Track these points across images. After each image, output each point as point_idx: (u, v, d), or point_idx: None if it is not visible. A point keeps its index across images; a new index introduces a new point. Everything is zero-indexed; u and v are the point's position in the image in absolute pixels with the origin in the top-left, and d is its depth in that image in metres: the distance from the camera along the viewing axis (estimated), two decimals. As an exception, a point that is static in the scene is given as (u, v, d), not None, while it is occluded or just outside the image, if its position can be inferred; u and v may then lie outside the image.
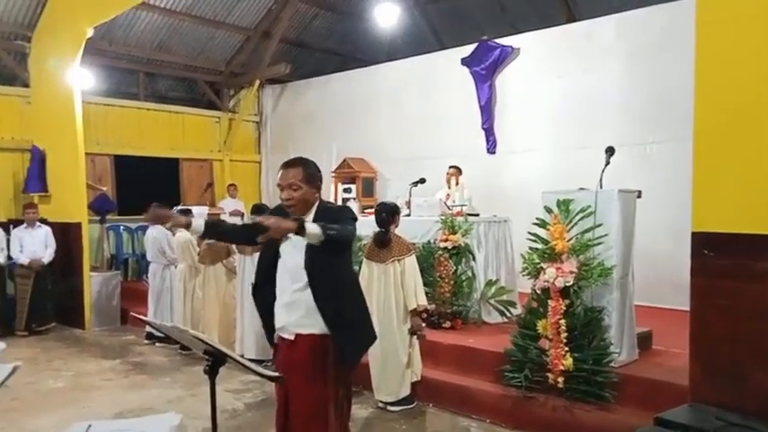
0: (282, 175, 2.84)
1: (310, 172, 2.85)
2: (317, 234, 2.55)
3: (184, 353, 6.54)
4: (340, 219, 2.78)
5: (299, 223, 2.50)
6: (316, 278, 2.76)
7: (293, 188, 2.80)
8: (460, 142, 8.67)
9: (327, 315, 2.77)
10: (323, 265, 2.74)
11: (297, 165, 2.85)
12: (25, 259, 7.66)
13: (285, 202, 2.84)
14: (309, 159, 2.92)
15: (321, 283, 2.77)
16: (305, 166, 2.85)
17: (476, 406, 4.56)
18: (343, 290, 2.88)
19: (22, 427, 4.53)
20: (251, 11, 10.58)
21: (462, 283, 5.62)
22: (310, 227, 2.54)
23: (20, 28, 8.85)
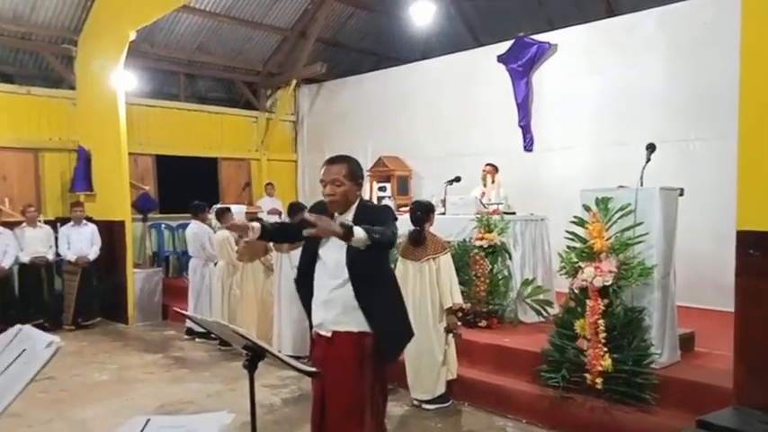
0: (326, 170, 2.87)
1: (354, 169, 2.89)
2: (362, 239, 2.57)
3: (223, 348, 6.68)
4: (382, 219, 2.80)
5: (347, 228, 2.52)
6: (356, 275, 2.79)
7: (336, 184, 2.83)
8: (497, 140, 8.61)
9: (368, 312, 2.80)
10: (364, 263, 2.77)
11: (341, 161, 2.89)
12: (72, 256, 7.92)
13: (327, 197, 2.86)
14: (352, 157, 2.96)
15: (362, 280, 2.80)
16: (349, 163, 2.89)
17: (512, 405, 4.53)
18: (382, 287, 2.91)
19: (69, 418, 4.70)
20: (287, 11, 10.71)
21: (498, 281, 5.58)
22: (357, 232, 2.55)
23: (66, 32, 9.16)
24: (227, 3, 9.96)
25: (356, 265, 2.78)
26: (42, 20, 8.93)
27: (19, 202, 8.58)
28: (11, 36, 8.95)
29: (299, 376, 5.54)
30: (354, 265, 2.78)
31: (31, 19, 8.85)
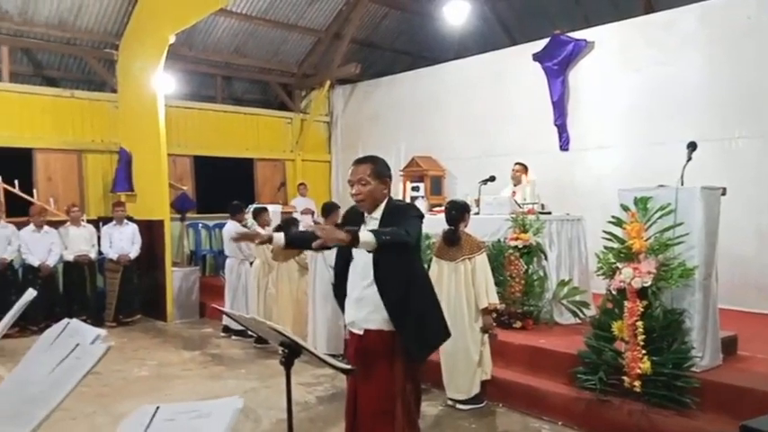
0: (353, 171, 2.93)
1: (379, 168, 2.92)
2: (370, 243, 2.58)
3: (259, 346, 6.77)
4: (404, 217, 2.82)
5: (352, 235, 2.54)
6: (381, 275, 2.82)
7: (362, 183, 2.87)
8: (531, 139, 8.53)
9: (392, 311, 2.82)
10: (389, 263, 2.79)
11: (366, 161, 2.94)
12: (114, 254, 8.15)
13: (354, 197, 2.92)
14: (379, 157, 2.99)
15: (387, 279, 2.82)
16: (374, 163, 2.93)
17: (547, 407, 4.48)
18: (409, 287, 2.91)
19: (110, 412, 4.83)
20: (322, 13, 10.81)
21: (534, 282, 5.53)
22: (363, 236, 2.56)
23: (108, 37, 9.42)
24: (263, 5, 10.11)
25: (380, 264, 2.81)
26: (86, 25, 9.21)
27: (63, 201, 8.86)
28: (56, 41, 9.26)
29: (334, 374, 5.59)
30: (378, 264, 2.81)
31: (75, 25, 9.14)
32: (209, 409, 1.23)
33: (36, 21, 8.81)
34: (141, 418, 1.24)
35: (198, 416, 1.22)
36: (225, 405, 1.22)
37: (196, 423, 1.20)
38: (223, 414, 1.19)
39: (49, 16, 8.84)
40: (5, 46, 8.83)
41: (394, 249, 2.71)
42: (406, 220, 2.79)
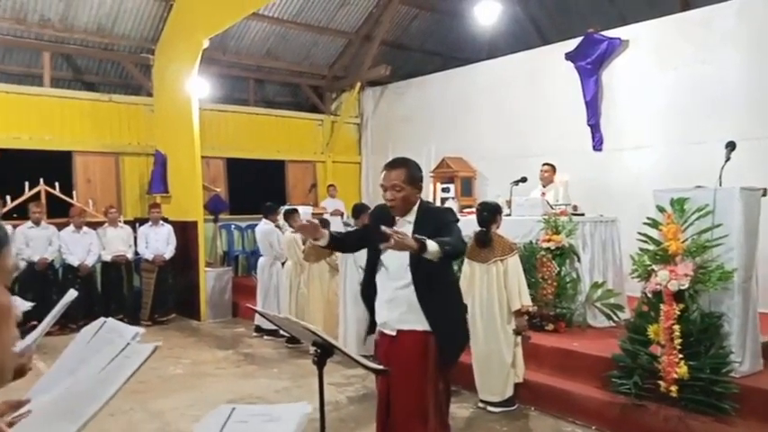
0: (386, 176, 2.93)
1: (413, 173, 2.92)
2: (435, 252, 2.60)
3: (291, 346, 6.84)
4: (445, 224, 2.83)
5: (421, 244, 2.57)
6: (420, 278, 2.83)
7: (396, 189, 2.88)
8: (564, 139, 8.42)
9: (430, 313, 2.84)
10: (427, 266, 2.79)
11: (400, 166, 2.93)
12: (150, 255, 8.33)
13: (388, 202, 2.93)
14: (412, 160, 2.99)
15: (425, 282, 2.84)
16: (408, 168, 2.92)
17: (580, 411, 4.42)
18: (444, 289, 2.94)
19: (147, 408, 4.94)
20: (353, 15, 10.87)
21: (566, 284, 5.47)
22: (431, 246, 2.59)
23: (145, 42, 9.65)
24: (294, 9, 10.21)
25: (420, 267, 2.81)
26: (123, 31, 9.44)
27: (101, 203, 9.10)
28: (95, 47, 9.52)
29: (365, 375, 5.62)
30: (418, 267, 2.82)
31: (113, 31, 9.38)
32: (279, 413, 1.29)
33: (76, 27, 9.08)
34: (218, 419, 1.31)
35: (269, 419, 1.28)
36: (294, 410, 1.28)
37: (268, 426, 1.27)
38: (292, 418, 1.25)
39: (88, 22, 9.09)
40: (47, 52, 9.11)
41: (453, 259, 2.76)
42: (449, 227, 2.81)
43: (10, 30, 8.71)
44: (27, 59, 9.31)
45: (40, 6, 8.60)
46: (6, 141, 8.49)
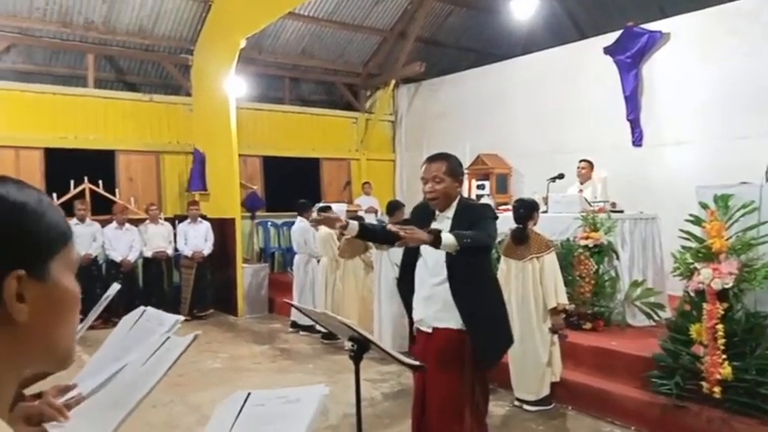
0: (426, 168, 2.93)
1: (453, 166, 2.92)
2: (452, 245, 2.59)
3: (326, 342, 6.90)
4: (481, 219, 2.81)
5: (434, 236, 2.55)
6: (455, 274, 2.81)
7: (436, 181, 2.87)
8: (602, 135, 8.27)
9: (464, 311, 2.82)
10: (463, 262, 2.78)
11: (441, 159, 2.93)
12: (189, 251, 8.51)
13: (428, 194, 2.91)
14: (452, 154, 2.98)
15: (460, 279, 2.81)
16: (448, 161, 2.92)
17: (619, 412, 4.35)
18: (481, 287, 2.91)
19: (186, 401, 5.06)
20: (387, 13, 10.87)
21: (605, 283, 5.37)
22: (446, 239, 2.57)
23: (184, 43, 9.84)
24: (329, 7, 10.27)
25: (455, 263, 2.80)
26: (163, 32, 9.66)
27: (143, 200, 9.33)
28: (136, 48, 9.76)
29: (399, 372, 5.63)
30: (453, 263, 2.80)
31: (153, 32, 9.60)
32: (297, 395, 1.30)
33: (118, 29, 9.32)
34: (234, 403, 1.33)
35: (287, 401, 1.28)
36: (312, 392, 1.28)
37: (285, 408, 1.27)
38: (310, 400, 1.25)
39: (129, 24, 9.33)
40: (91, 54, 9.38)
41: (475, 253, 2.71)
42: (484, 222, 2.78)
43: (56, 33, 9.00)
44: (72, 61, 9.60)
45: (85, 9, 8.85)
46: (53, 141, 8.78)
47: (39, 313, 0.67)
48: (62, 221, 0.73)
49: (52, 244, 0.70)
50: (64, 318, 0.71)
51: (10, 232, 0.66)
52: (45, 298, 0.68)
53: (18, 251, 0.66)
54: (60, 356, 0.72)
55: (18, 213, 0.68)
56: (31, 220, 0.68)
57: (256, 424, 1.26)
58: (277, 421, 1.24)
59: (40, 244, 0.69)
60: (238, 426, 1.26)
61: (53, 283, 0.69)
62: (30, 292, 0.66)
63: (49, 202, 0.73)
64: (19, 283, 0.65)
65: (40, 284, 0.67)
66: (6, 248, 0.65)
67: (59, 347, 0.71)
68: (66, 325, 0.71)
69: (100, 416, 1.22)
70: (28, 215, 0.69)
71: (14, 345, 0.66)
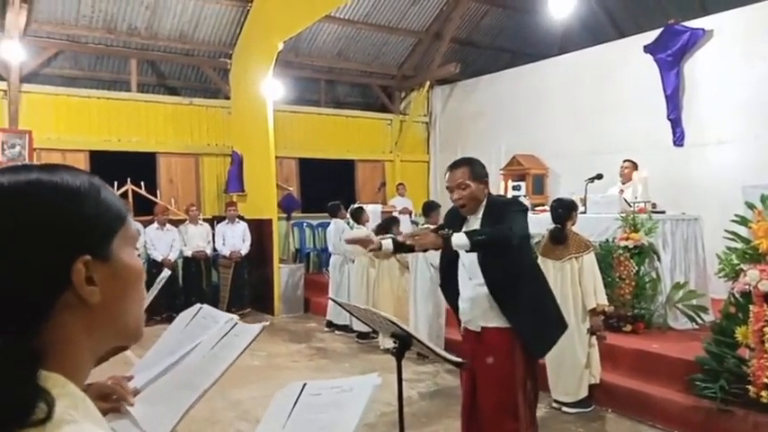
0: (450, 177, 2.94)
1: (476, 169, 2.92)
2: (463, 243, 2.60)
3: (361, 341, 6.95)
4: (505, 213, 2.80)
5: (443, 238, 2.56)
6: (491, 274, 2.82)
7: (462, 188, 2.88)
8: (641, 135, 8.13)
9: (506, 309, 2.82)
10: (495, 262, 2.78)
11: (462, 165, 2.94)
12: (227, 251, 8.68)
13: (456, 202, 2.93)
14: (473, 158, 2.99)
15: (496, 277, 2.82)
16: (470, 165, 2.93)
17: (660, 415, 4.27)
18: (520, 283, 2.88)
19: (227, 397, 5.16)
20: (423, 14, 10.88)
21: (645, 284, 5.28)
22: (456, 239, 2.59)
23: (223, 47, 10.04)
24: (365, 10, 10.34)
25: (488, 265, 2.80)
26: (203, 37, 9.87)
27: (183, 201, 9.55)
28: (177, 53, 10.00)
29: (435, 372, 5.64)
30: (487, 265, 2.81)
31: (194, 37, 9.82)
32: (350, 384, 1.33)
33: (160, 35, 9.56)
34: (291, 392, 1.37)
35: (341, 390, 1.32)
36: (364, 381, 1.32)
37: (340, 397, 1.30)
38: (363, 389, 1.28)
39: (171, 30, 9.56)
40: (134, 59, 9.65)
41: (493, 248, 2.69)
42: (508, 216, 2.77)
43: (101, 39, 9.28)
44: (116, 66, 9.89)
45: (129, 16, 9.12)
46: (98, 144, 9.06)
47: (108, 292, 0.69)
48: (117, 200, 0.75)
49: (111, 224, 0.72)
50: (131, 293, 0.74)
51: (71, 219, 0.68)
52: (112, 277, 0.70)
53: (81, 236, 0.68)
54: (132, 330, 0.75)
55: (77, 199, 0.69)
56: (90, 204, 0.70)
57: (312, 412, 1.30)
58: (332, 410, 1.28)
59: (101, 226, 0.71)
60: (296, 414, 1.30)
61: (117, 261, 0.71)
62: (97, 274, 0.68)
63: (101, 183, 0.74)
64: (87, 268, 0.67)
65: (105, 265, 0.69)
66: (70, 235, 0.67)
67: (130, 322, 0.74)
68: (134, 300, 0.74)
69: (172, 397, 1.27)
70: (86, 200, 0.70)
71: (89, 325, 0.69)
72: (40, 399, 0.60)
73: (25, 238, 0.64)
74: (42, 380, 0.62)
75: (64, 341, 0.67)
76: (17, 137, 8.56)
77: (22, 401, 0.59)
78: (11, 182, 0.67)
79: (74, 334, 0.68)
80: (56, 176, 0.69)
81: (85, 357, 0.71)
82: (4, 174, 0.68)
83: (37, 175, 0.68)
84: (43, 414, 0.59)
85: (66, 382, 0.65)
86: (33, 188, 0.67)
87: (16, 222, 0.64)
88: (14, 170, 0.69)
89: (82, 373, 0.70)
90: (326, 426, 1.25)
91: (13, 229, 0.64)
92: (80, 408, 0.65)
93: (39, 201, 0.66)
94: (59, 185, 0.68)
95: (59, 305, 0.66)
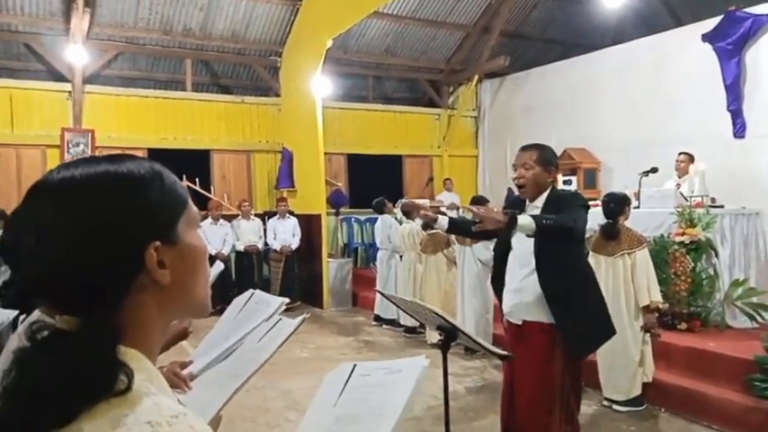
0: (518, 156, 2.95)
1: (545, 155, 2.91)
2: (528, 225, 2.55)
3: (408, 336, 6.99)
4: (569, 206, 2.76)
5: (510, 216, 2.54)
6: (543, 264, 2.79)
7: (525, 167, 2.87)
8: (699, 127, 7.83)
9: (553, 301, 2.78)
10: (551, 252, 2.75)
11: (533, 147, 2.94)
12: (278, 245, 8.87)
13: (516, 181, 2.92)
14: (546, 145, 2.98)
15: (549, 269, 2.79)
16: (540, 150, 2.92)
17: (717, 416, 4.14)
18: (572, 279, 2.85)
19: (277, 387, 5.29)
20: (471, 7, 10.79)
21: (702, 281, 5.11)
22: (522, 220, 2.54)
23: (273, 45, 10.24)
24: (413, 5, 10.34)
25: (542, 254, 2.77)
26: (254, 36, 10.09)
27: (235, 197, 9.81)
28: (230, 52, 10.26)
29: (482, 367, 5.63)
30: (541, 253, 2.78)
31: (245, 36, 10.05)
32: (399, 366, 1.37)
33: (213, 35, 9.84)
34: (342, 373, 1.42)
35: (390, 371, 1.36)
36: (413, 363, 1.35)
37: (389, 378, 1.34)
38: (412, 370, 1.32)
39: (224, 30, 9.82)
40: (189, 59, 9.97)
41: (556, 236, 2.66)
42: (571, 210, 2.73)
43: (158, 40, 9.63)
44: (172, 67, 10.24)
45: (184, 17, 9.41)
46: (155, 142, 9.41)
47: (177, 273, 0.74)
48: (178, 184, 0.80)
49: (176, 208, 0.76)
50: (198, 272, 0.78)
51: (140, 207, 0.72)
52: (180, 259, 0.74)
53: (151, 223, 0.72)
54: (200, 304, 0.80)
55: (143, 187, 0.73)
56: (155, 191, 0.74)
57: (362, 392, 1.34)
58: (381, 390, 1.32)
59: (167, 211, 0.75)
60: (346, 393, 1.35)
61: (184, 243, 0.75)
62: (167, 257, 0.72)
63: (161, 168, 0.78)
64: (157, 252, 0.71)
65: (173, 248, 0.74)
66: (142, 223, 0.71)
67: (198, 297, 0.79)
68: (200, 278, 0.79)
69: (220, 384, 1.35)
70: (151, 187, 0.74)
71: (162, 303, 0.74)
72: (121, 372, 0.65)
73: (103, 230, 0.69)
74: (121, 355, 0.68)
75: (139, 320, 0.72)
76: (81, 136, 8.99)
77: (106, 374, 0.65)
78: (83, 175, 0.71)
79: (148, 313, 0.73)
80: (122, 166, 0.74)
81: (158, 334, 0.76)
82: (77, 166, 0.72)
83: (105, 166, 0.73)
84: (124, 386, 0.64)
85: (142, 357, 0.71)
86: (105, 180, 0.72)
87: (94, 215, 0.69)
88: (84, 163, 0.74)
89: (155, 349, 0.76)
90: (376, 405, 1.29)
91: (91, 222, 0.69)
92: (154, 381, 0.70)
93: (111, 192, 0.71)
94: (127, 176, 0.73)
95: (135, 288, 0.71)
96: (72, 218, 0.68)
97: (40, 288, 0.70)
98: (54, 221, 0.68)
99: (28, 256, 0.69)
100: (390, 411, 1.25)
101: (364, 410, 1.30)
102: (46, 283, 0.69)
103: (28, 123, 8.84)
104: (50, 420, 0.63)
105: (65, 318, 0.69)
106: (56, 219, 0.68)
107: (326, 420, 1.32)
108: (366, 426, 1.26)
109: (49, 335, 0.68)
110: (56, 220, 0.68)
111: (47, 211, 0.69)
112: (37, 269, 0.68)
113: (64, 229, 0.68)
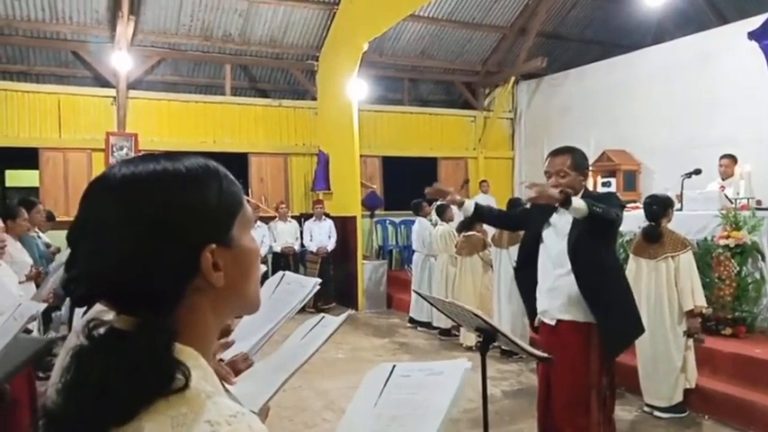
0: (550, 162, 2.93)
1: (578, 159, 2.90)
2: (582, 208, 2.57)
3: (443, 338, 6.97)
4: (607, 203, 2.77)
5: (566, 195, 2.54)
6: (579, 264, 2.78)
7: (560, 175, 2.86)
8: (744, 127, 7.61)
9: (590, 300, 2.77)
10: (587, 252, 2.75)
11: (565, 152, 2.92)
12: (314, 247, 8.97)
13: None
14: (576, 147, 2.96)
15: (585, 268, 2.78)
16: (573, 154, 2.91)
17: (763, 424, 4.01)
18: (606, 277, 2.85)
19: (314, 387, 5.34)
20: (508, 9, 10.71)
21: (748, 286, 4.96)
22: (576, 202, 2.58)
23: (310, 50, 10.37)
24: (448, 7, 10.32)
25: (578, 253, 2.77)
26: (292, 41, 10.23)
27: (272, 199, 9.96)
28: (268, 57, 10.43)
29: (519, 370, 5.58)
30: (576, 253, 2.77)
31: (283, 41, 10.20)
32: (440, 368, 1.36)
33: (252, 40, 10.01)
34: (381, 373, 1.42)
35: (431, 373, 1.35)
36: (455, 365, 1.34)
37: (430, 379, 1.34)
38: (454, 373, 1.31)
39: (262, 35, 9.99)
40: (228, 64, 10.17)
41: (601, 224, 2.67)
42: (611, 206, 2.75)
43: (199, 46, 9.85)
44: (212, 72, 10.46)
45: (223, 24, 9.61)
46: (195, 145, 9.58)
47: (231, 275, 0.74)
48: (234, 185, 0.79)
49: (232, 210, 0.76)
50: (250, 273, 0.79)
51: (198, 207, 0.72)
52: (234, 260, 0.75)
53: (207, 226, 0.72)
54: (252, 303, 0.82)
55: (201, 187, 0.72)
56: (213, 192, 0.74)
57: (403, 393, 1.34)
58: (423, 392, 1.31)
59: (223, 213, 0.74)
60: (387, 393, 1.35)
61: (238, 246, 0.76)
62: (222, 260, 0.73)
63: (218, 166, 0.77)
64: (212, 255, 0.72)
65: (228, 251, 0.74)
66: (197, 225, 0.71)
67: (250, 297, 0.81)
68: (252, 278, 0.80)
69: (266, 378, 1.38)
70: (209, 187, 0.73)
71: (216, 304, 0.75)
72: (178, 370, 0.66)
73: (163, 231, 0.69)
74: (178, 353, 0.68)
75: (195, 320, 0.73)
76: (125, 139, 9.26)
77: (164, 371, 0.65)
78: (144, 172, 0.72)
79: (203, 313, 0.74)
80: (181, 164, 0.73)
81: (212, 333, 0.78)
82: (137, 164, 0.73)
83: (164, 164, 0.73)
84: (182, 383, 0.65)
85: (198, 355, 0.72)
86: (166, 178, 0.72)
87: (155, 214, 0.70)
88: (143, 160, 0.74)
89: (209, 348, 0.77)
90: (419, 406, 1.28)
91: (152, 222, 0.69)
92: (209, 380, 0.71)
93: (172, 191, 0.71)
94: (186, 174, 0.73)
95: (190, 289, 0.72)
96: (134, 217, 0.69)
97: (100, 287, 0.70)
98: (115, 220, 0.69)
99: (89, 254, 0.70)
100: (434, 413, 1.24)
101: (406, 411, 1.30)
102: (106, 282, 0.70)
103: (75, 128, 9.16)
104: (110, 418, 0.63)
105: (122, 317, 0.70)
106: (117, 217, 0.68)
107: (367, 419, 1.33)
108: (409, 426, 1.26)
109: (107, 333, 0.69)
110: (117, 218, 0.68)
111: (108, 209, 0.69)
112: (98, 268, 0.69)
113: (125, 228, 0.68)
